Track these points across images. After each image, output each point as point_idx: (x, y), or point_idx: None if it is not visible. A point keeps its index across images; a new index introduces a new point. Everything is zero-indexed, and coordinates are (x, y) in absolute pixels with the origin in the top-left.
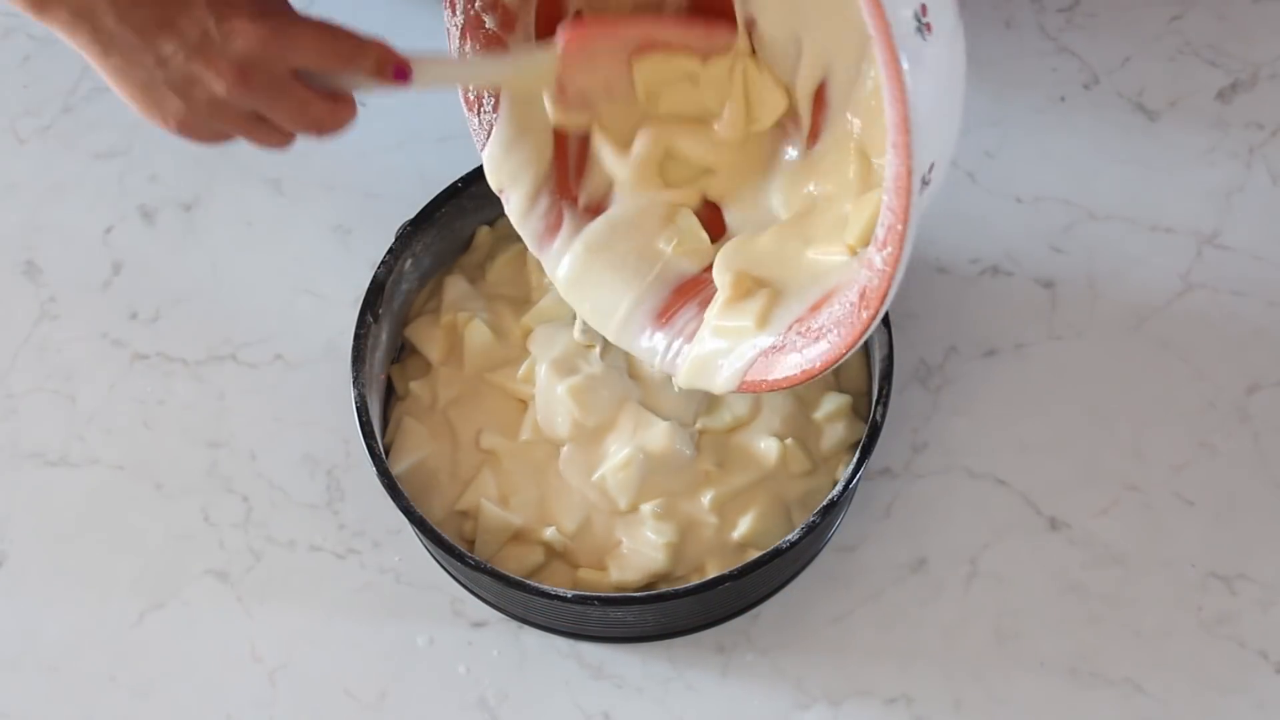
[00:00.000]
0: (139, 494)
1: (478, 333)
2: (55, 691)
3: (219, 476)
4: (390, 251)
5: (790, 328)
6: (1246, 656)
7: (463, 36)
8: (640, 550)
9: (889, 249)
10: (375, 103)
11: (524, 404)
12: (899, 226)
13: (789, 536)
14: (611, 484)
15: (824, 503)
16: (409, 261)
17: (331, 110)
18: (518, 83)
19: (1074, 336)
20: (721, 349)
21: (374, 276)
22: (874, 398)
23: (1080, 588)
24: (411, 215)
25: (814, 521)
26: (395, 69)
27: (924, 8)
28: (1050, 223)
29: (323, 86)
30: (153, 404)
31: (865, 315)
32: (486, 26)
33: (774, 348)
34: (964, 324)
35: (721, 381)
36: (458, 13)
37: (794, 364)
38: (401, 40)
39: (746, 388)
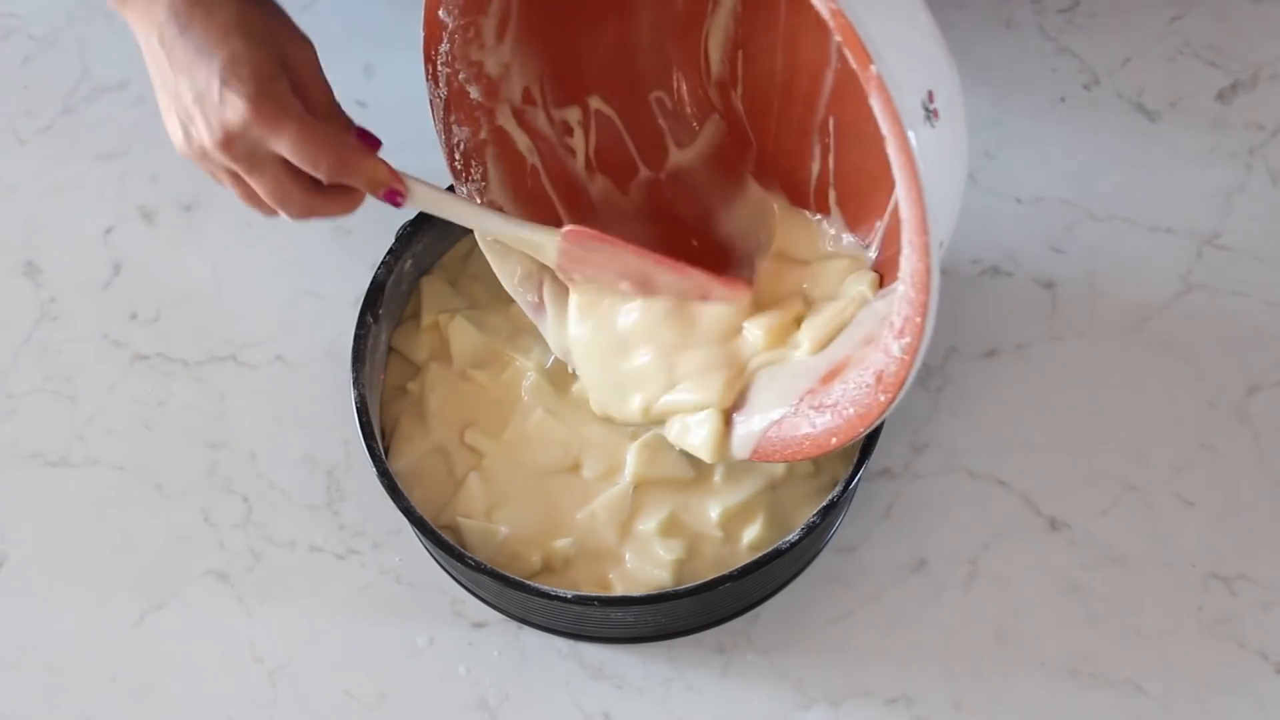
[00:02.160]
0: (139, 494)
1: (462, 330)
2: (55, 691)
3: (219, 477)
4: (390, 252)
5: (802, 399)
6: (1246, 656)
7: (447, 110)
8: (645, 568)
9: (907, 339)
10: (375, 103)
11: (514, 402)
12: (917, 319)
13: (789, 537)
14: (603, 516)
15: (824, 503)
16: (409, 261)
17: (309, 202)
18: (516, 245)
19: (1074, 337)
20: (740, 419)
21: (374, 277)
22: None
23: (1080, 588)
24: (411, 215)
25: (814, 522)
26: (387, 192)
27: (930, 94)
28: (1050, 223)
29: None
30: (153, 405)
31: (883, 399)
32: (472, 98)
33: (786, 417)
34: (964, 324)
35: (736, 449)
36: (440, 85)
37: (805, 436)
38: (408, 46)
39: (759, 457)
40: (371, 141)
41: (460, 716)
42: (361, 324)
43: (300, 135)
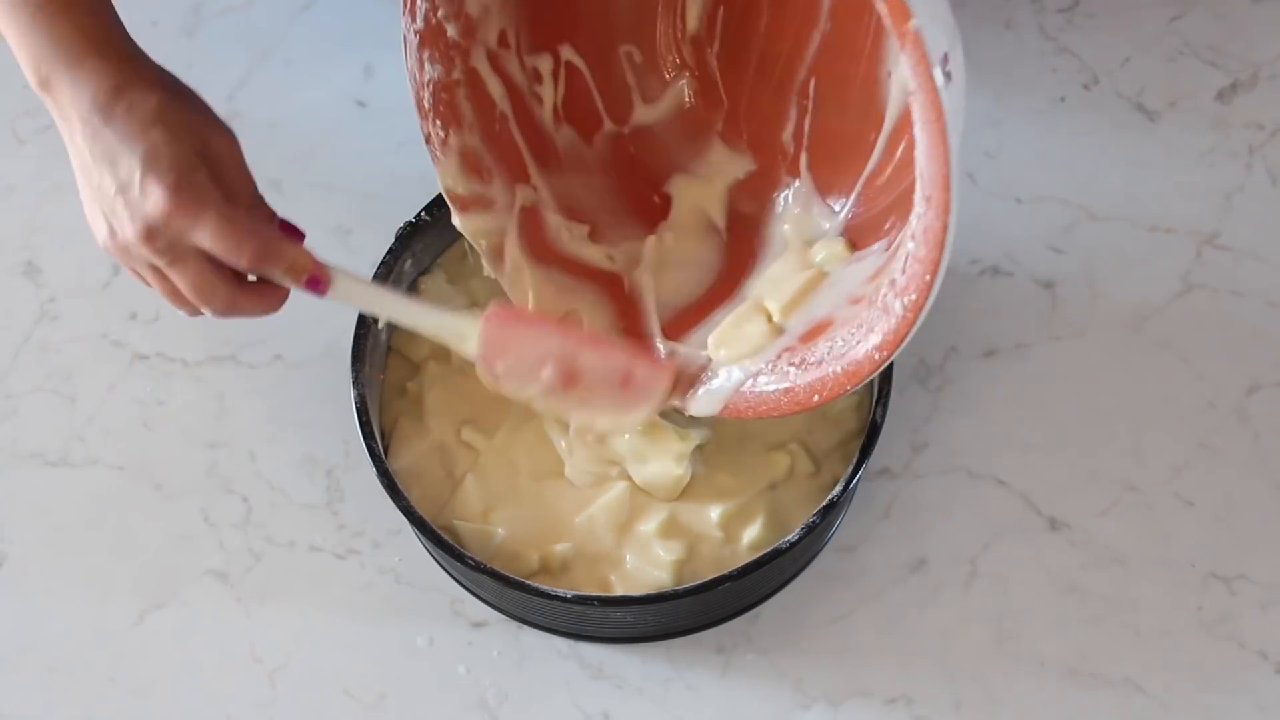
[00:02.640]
0: (139, 494)
1: None
2: (55, 691)
3: (219, 477)
4: (390, 251)
5: (779, 357)
6: (1246, 656)
7: (421, 44)
8: (645, 569)
9: (912, 296)
10: (376, 104)
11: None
12: (927, 277)
13: (789, 536)
14: (602, 520)
15: (824, 503)
16: (409, 261)
17: (232, 298)
18: (436, 334)
19: (1074, 336)
20: (705, 377)
21: (374, 276)
22: (874, 398)
23: (1080, 588)
24: (411, 215)
25: (814, 521)
26: (309, 279)
27: (946, 56)
28: (1050, 223)
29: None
30: (152, 404)
31: (878, 356)
32: (449, 35)
33: (761, 374)
34: (964, 324)
35: (703, 405)
36: (418, 19)
37: (784, 392)
38: (401, 42)
39: (729, 413)
40: (294, 233)
41: (460, 716)
42: (361, 324)
43: (220, 224)
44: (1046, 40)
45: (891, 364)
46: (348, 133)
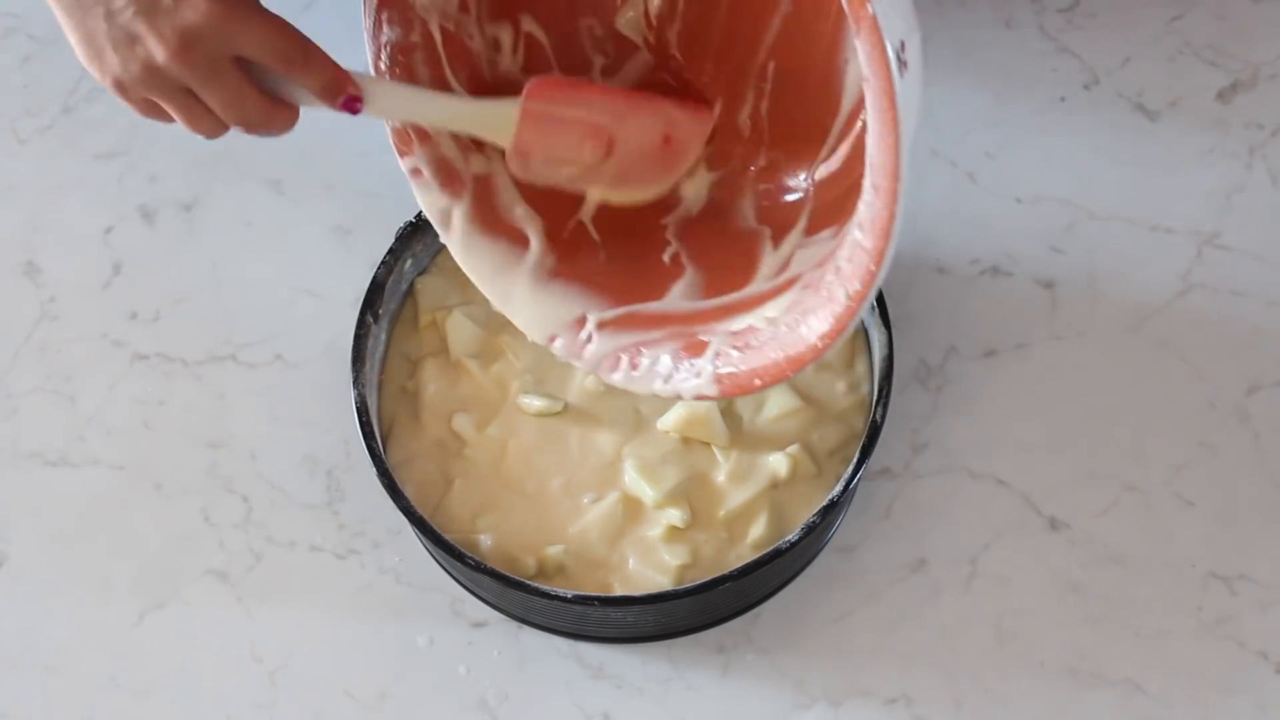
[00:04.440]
0: (139, 494)
1: (460, 326)
2: (55, 691)
3: (219, 477)
4: (390, 251)
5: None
6: (1246, 656)
7: (380, 5)
8: (647, 573)
9: (856, 285)
10: None
11: (502, 397)
12: (872, 267)
13: (789, 536)
14: (595, 533)
15: (824, 503)
16: (409, 261)
17: (265, 110)
18: (474, 128)
19: (1074, 336)
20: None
21: (374, 276)
22: (874, 398)
23: (1080, 588)
24: (411, 215)
25: (814, 521)
26: (346, 100)
27: (903, 44)
28: (1050, 223)
29: (268, 86)
30: (153, 404)
31: (820, 344)
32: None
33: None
34: (964, 324)
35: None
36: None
37: (724, 374)
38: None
39: (728, 391)
40: (352, 102)
41: (460, 716)
42: (361, 324)
43: (269, 28)
44: (1046, 40)
45: (892, 364)
46: (348, 133)
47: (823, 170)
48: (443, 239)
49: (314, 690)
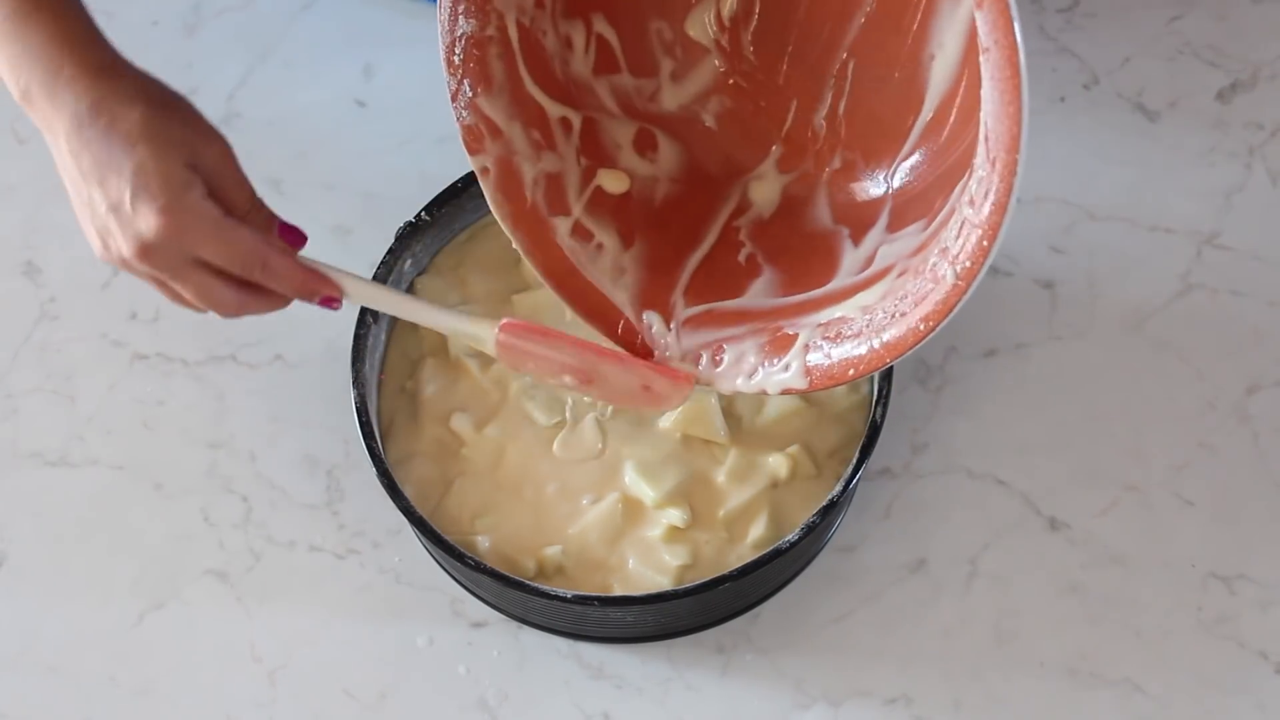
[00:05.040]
0: (139, 494)
1: None
2: (55, 691)
3: (219, 477)
4: (390, 251)
5: (815, 330)
6: (1246, 656)
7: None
8: (646, 573)
9: (966, 263)
10: (375, 104)
11: (501, 399)
12: (985, 243)
13: (789, 536)
14: (594, 535)
15: (824, 503)
16: (409, 261)
17: (241, 301)
18: (454, 336)
19: (1074, 336)
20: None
21: (374, 277)
22: (874, 398)
23: (1080, 588)
24: (411, 215)
25: (814, 521)
26: (323, 300)
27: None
28: (1050, 223)
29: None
30: (152, 404)
31: (923, 327)
32: None
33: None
34: (964, 324)
35: (791, 382)
36: None
37: (814, 366)
38: (408, 46)
39: (818, 384)
40: (296, 236)
41: (460, 716)
42: (361, 324)
43: (218, 242)
44: (1046, 40)
45: (892, 364)
46: (348, 133)
47: (904, 168)
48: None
49: (314, 690)
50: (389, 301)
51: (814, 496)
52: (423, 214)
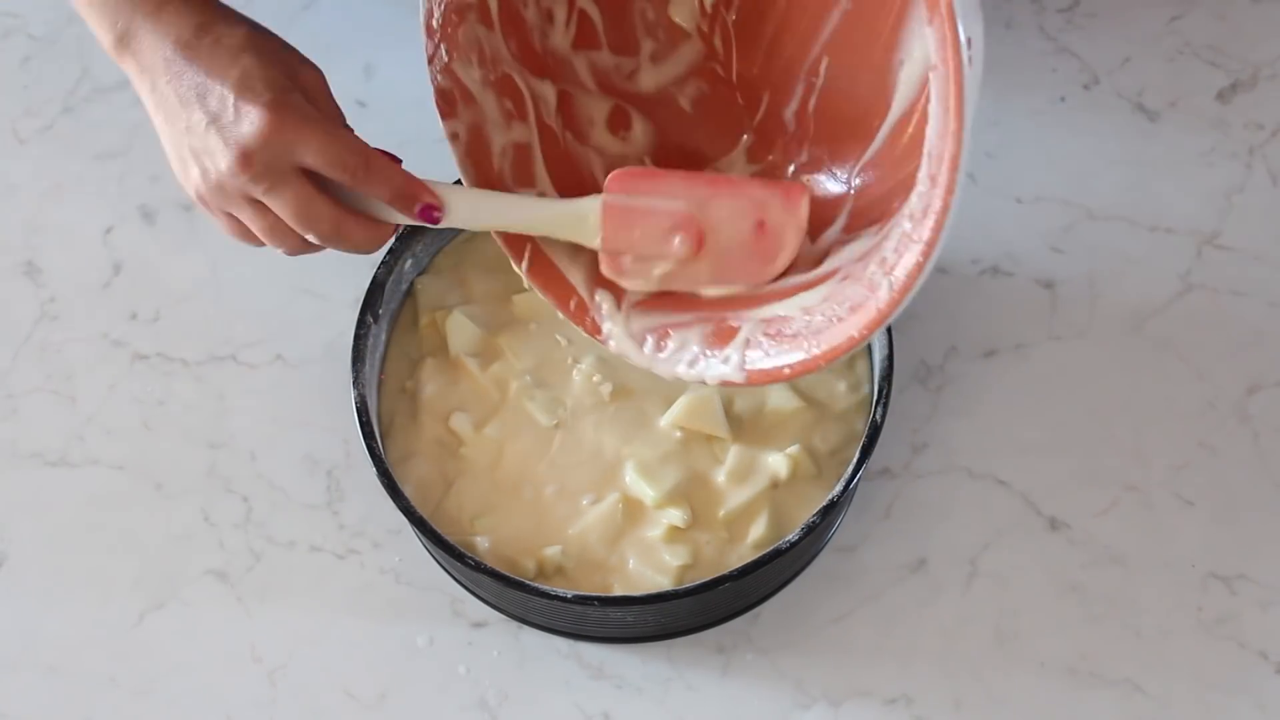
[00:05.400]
0: (139, 494)
1: (459, 326)
2: (55, 691)
3: (219, 477)
4: (390, 251)
5: (757, 325)
6: (1246, 656)
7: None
8: (647, 573)
9: (900, 276)
10: (375, 103)
11: (501, 399)
12: (920, 259)
13: (789, 536)
14: (594, 535)
15: (824, 503)
16: (409, 261)
17: (336, 222)
18: (558, 230)
19: (1074, 336)
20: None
21: (374, 276)
22: (874, 398)
23: (1080, 588)
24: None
25: (814, 521)
26: (423, 209)
27: (970, 40)
28: (1050, 223)
29: (346, 200)
30: (153, 404)
31: (857, 335)
32: None
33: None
34: (964, 324)
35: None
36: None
37: (750, 367)
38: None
39: (755, 380)
40: (392, 159)
41: (460, 716)
42: (361, 324)
43: (325, 137)
44: (1046, 40)
45: (892, 364)
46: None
47: (867, 169)
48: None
49: (314, 690)
50: (491, 209)
51: (814, 496)
52: None
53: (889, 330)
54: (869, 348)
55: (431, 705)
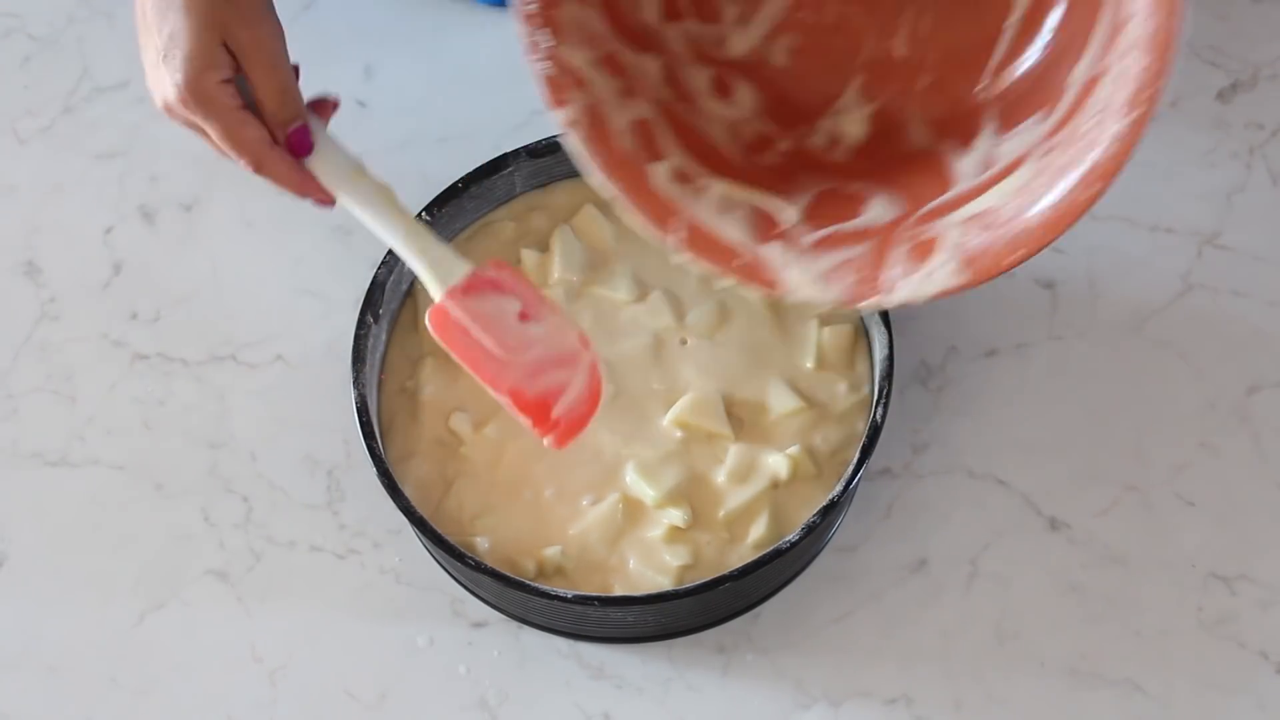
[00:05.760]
0: (139, 494)
1: None
2: (55, 691)
3: (219, 477)
4: (390, 251)
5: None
6: (1246, 656)
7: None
8: (647, 573)
9: (1139, 110)
10: (375, 104)
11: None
12: (1158, 84)
13: (789, 536)
14: (595, 535)
15: (824, 503)
16: None
17: (260, 153)
18: (411, 263)
19: (1074, 336)
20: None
21: (374, 276)
22: (874, 398)
23: (1080, 588)
24: (412, 215)
25: (814, 521)
26: (315, 201)
27: None
28: None
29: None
30: (153, 404)
31: (1096, 189)
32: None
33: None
34: (964, 324)
35: (943, 278)
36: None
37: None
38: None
39: (981, 276)
40: (302, 146)
41: (460, 716)
42: (361, 324)
43: (223, 129)
44: None
45: (892, 364)
46: (348, 133)
47: (1002, 72)
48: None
49: (314, 690)
50: (376, 218)
51: (814, 496)
52: (423, 214)
53: (889, 330)
54: (869, 347)
55: (431, 705)
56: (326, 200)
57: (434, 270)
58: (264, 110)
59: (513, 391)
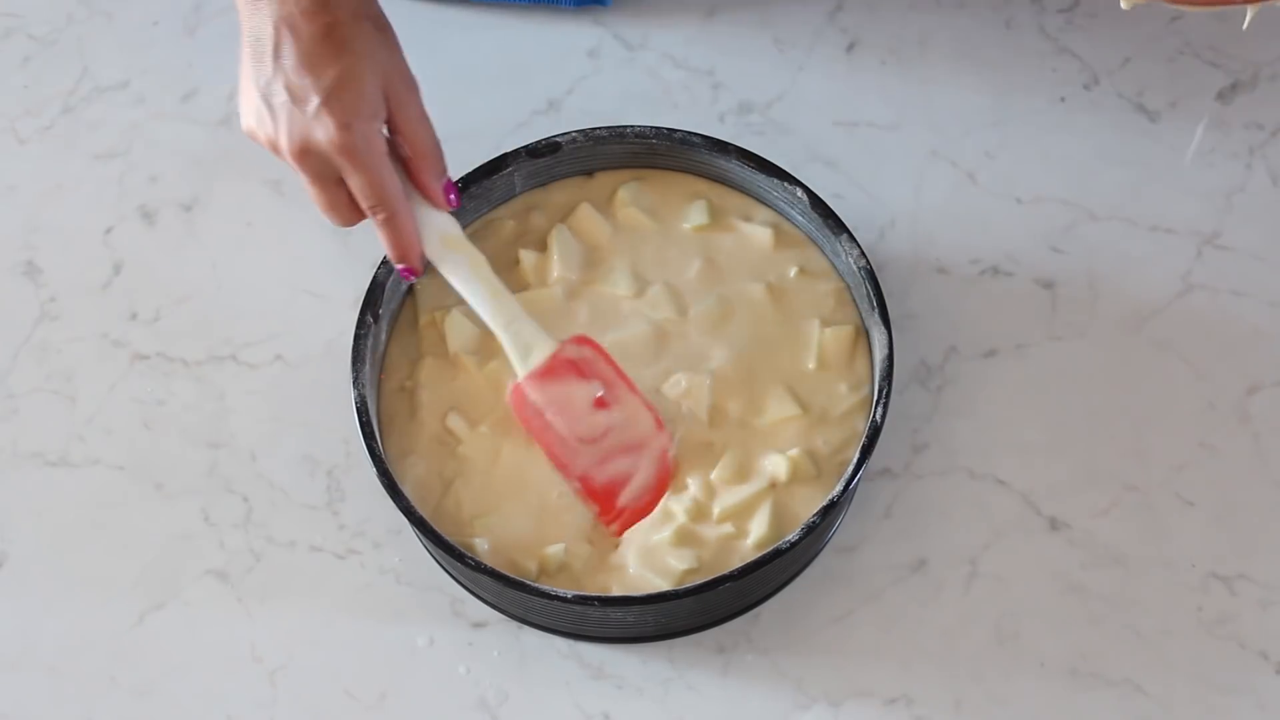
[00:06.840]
0: (139, 494)
1: (458, 325)
2: (55, 691)
3: (219, 477)
4: None
5: None
6: (1246, 656)
7: None
8: (647, 574)
9: None
10: None
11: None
12: None
13: (789, 537)
14: (594, 535)
15: (824, 503)
16: None
17: (353, 218)
18: (504, 339)
19: (1074, 337)
20: None
21: (374, 276)
22: (874, 398)
23: (1080, 588)
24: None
25: (814, 521)
26: (403, 271)
27: None
28: (1050, 223)
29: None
30: (153, 404)
31: None
32: None
33: None
34: (964, 324)
35: None
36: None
37: None
38: (407, 46)
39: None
40: (454, 199)
41: (460, 716)
42: (361, 324)
43: (369, 175)
44: (1046, 40)
45: (892, 364)
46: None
47: None
48: None
49: (314, 690)
50: (465, 286)
51: (814, 497)
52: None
53: (889, 330)
54: (869, 347)
55: (431, 705)
56: (417, 269)
57: (518, 346)
58: (417, 162)
59: (582, 478)
